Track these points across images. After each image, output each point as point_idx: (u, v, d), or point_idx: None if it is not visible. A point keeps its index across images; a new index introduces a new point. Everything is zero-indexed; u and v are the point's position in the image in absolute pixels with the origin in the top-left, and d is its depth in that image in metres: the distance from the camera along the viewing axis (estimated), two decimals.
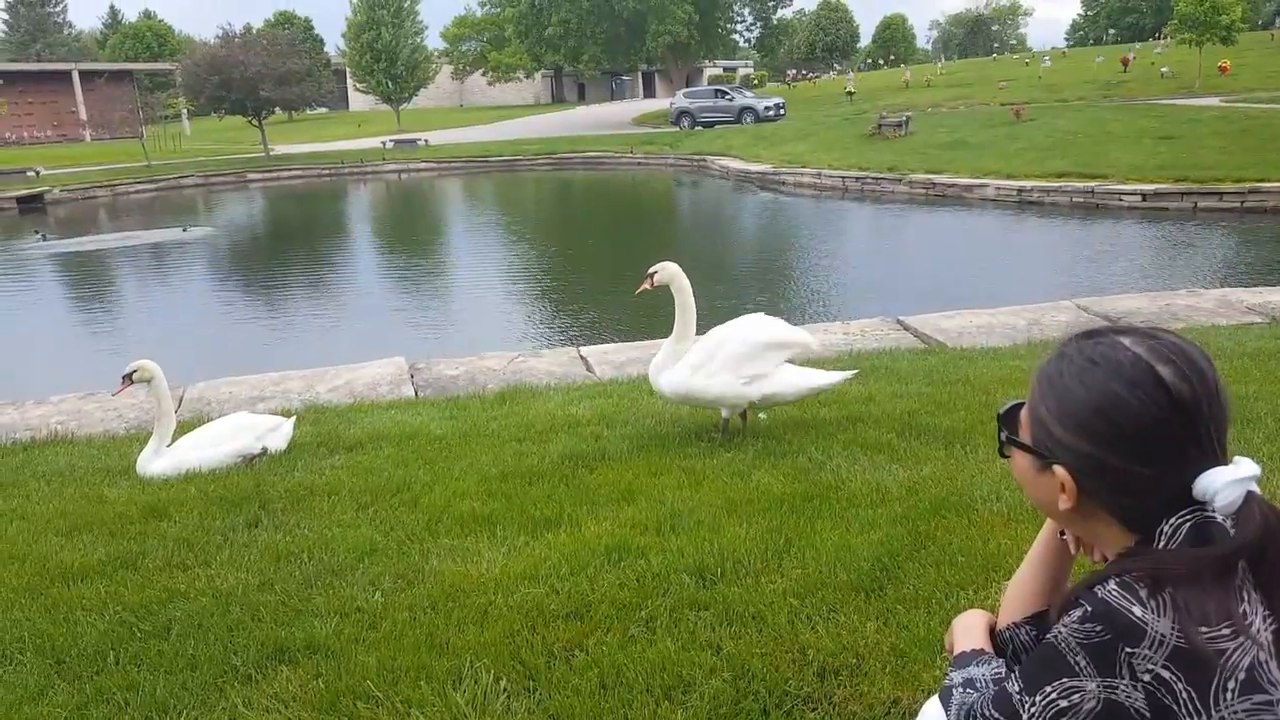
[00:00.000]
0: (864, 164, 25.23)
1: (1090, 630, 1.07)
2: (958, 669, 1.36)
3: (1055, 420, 1.16)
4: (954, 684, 1.33)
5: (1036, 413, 1.19)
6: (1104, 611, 1.07)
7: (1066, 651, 1.09)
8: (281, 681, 2.38)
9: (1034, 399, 1.20)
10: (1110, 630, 1.05)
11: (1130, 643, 1.04)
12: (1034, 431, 1.20)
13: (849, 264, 16.74)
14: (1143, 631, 1.04)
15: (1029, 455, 1.21)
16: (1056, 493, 1.18)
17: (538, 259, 19.21)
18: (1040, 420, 1.18)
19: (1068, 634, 1.09)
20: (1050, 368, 1.19)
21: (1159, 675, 1.03)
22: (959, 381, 5.39)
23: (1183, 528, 1.11)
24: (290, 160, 38.40)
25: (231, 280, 18.25)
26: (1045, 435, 1.18)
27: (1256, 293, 8.56)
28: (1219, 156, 20.36)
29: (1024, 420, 1.23)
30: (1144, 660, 1.03)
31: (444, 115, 61.42)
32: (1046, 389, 1.18)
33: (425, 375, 6.78)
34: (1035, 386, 1.21)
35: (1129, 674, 1.04)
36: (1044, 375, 1.20)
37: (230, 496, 3.90)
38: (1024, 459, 1.22)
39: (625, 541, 3.05)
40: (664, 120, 45.46)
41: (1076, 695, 1.07)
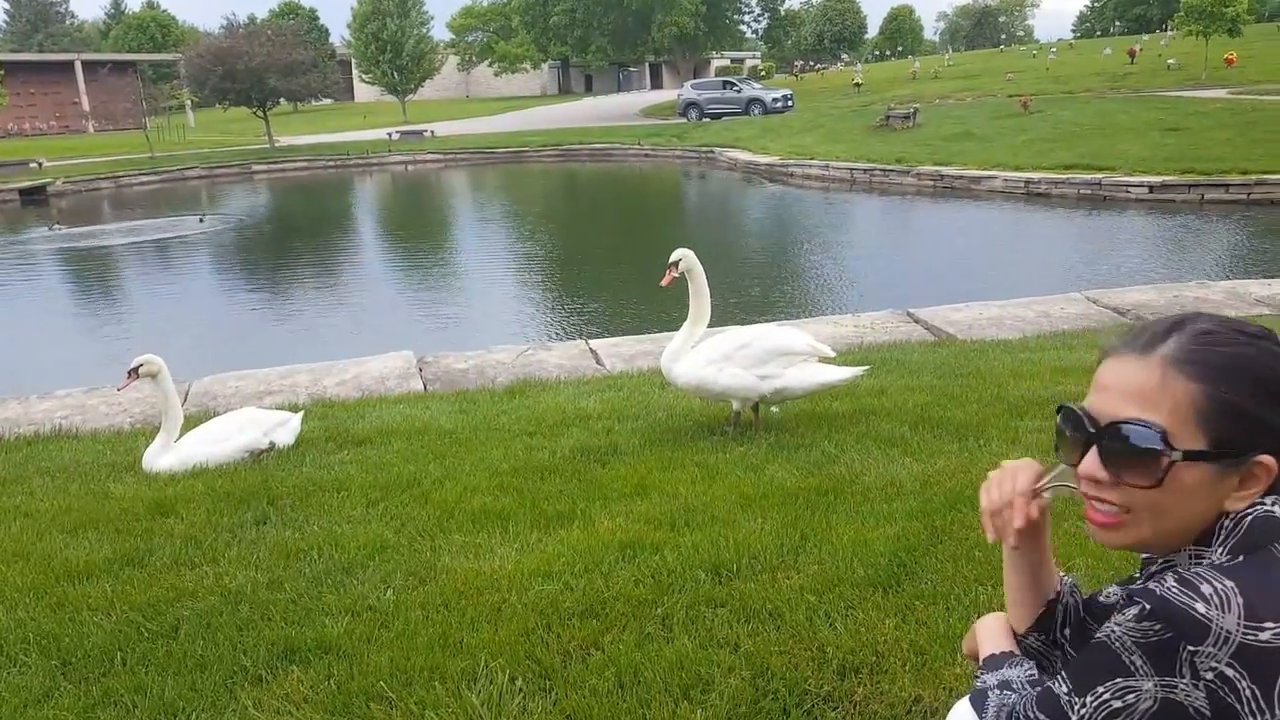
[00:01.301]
0: (872, 156, 25.12)
1: (1148, 629, 1.03)
2: (990, 671, 1.32)
3: (1260, 403, 1.07)
4: (989, 686, 1.29)
5: (1226, 407, 1.08)
6: (1164, 609, 1.02)
7: (1121, 651, 1.04)
8: (292, 682, 2.35)
9: (1212, 394, 1.08)
10: (1171, 629, 1.01)
11: (1193, 641, 1.00)
12: (1221, 429, 1.08)
13: (858, 256, 16.68)
14: (1206, 629, 1.00)
15: (1211, 464, 1.09)
16: (1230, 493, 1.10)
17: (545, 252, 19.16)
18: (1237, 412, 1.08)
19: (1122, 633, 1.05)
20: (1219, 356, 1.09)
21: (1223, 673, 0.99)
22: (970, 374, 5.35)
23: (1244, 521, 1.09)
24: (295, 152, 38.33)
25: (237, 273, 18.24)
26: (1244, 426, 1.08)
27: (1265, 284, 8.50)
28: (1225, 148, 20.25)
29: (1181, 429, 1.09)
30: (1207, 659, 1.00)
31: (450, 107, 61.35)
32: (1242, 378, 1.08)
33: (434, 369, 6.74)
34: (1209, 381, 1.08)
35: (1190, 673, 1.00)
36: (1220, 364, 1.09)
37: (238, 493, 3.87)
38: (1200, 472, 1.09)
39: (639, 537, 3.01)
40: (671, 112, 45.34)
41: (1132, 695, 1.03)
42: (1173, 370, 1.09)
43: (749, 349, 4.11)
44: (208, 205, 26.92)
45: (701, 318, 4.29)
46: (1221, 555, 1.09)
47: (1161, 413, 1.09)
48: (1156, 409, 1.09)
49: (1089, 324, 7.23)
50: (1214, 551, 1.10)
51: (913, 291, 11.27)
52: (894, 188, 23.33)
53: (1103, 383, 1.16)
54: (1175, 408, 1.09)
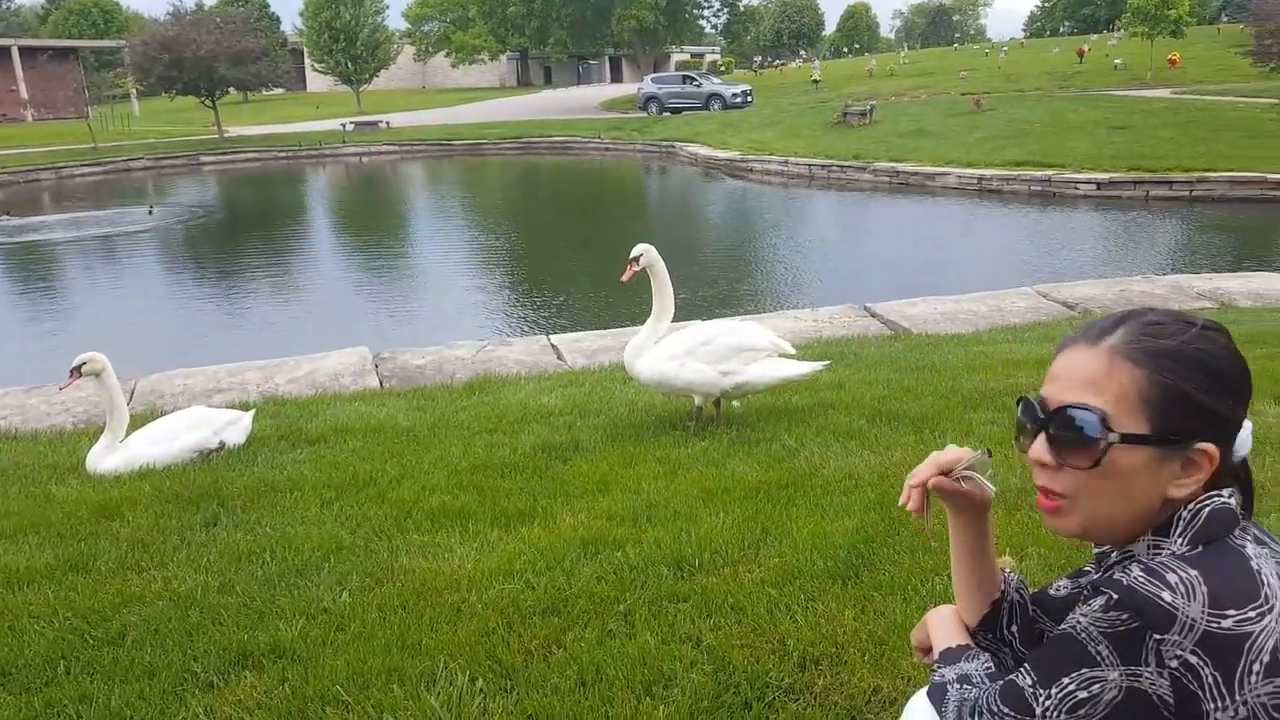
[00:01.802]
0: (830, 152, 25.30)
1: (1115, 619, 1.04)
2: (947, 665, 1.33)
3: (1207, 391, 1.10)
4: (947, 680, 1.29)
5: (1171, 393, 1.09)
6: (1131, 599, 1.03)
7: (1087, 641, 1.05)
8: (245, 688, 2.29)
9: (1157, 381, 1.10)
10: (1138, 618, 1.02)
11: (1159, 629, 1.01)
12: (1164, 416, 1.10)
13: (817, 252, 16.77)
14: (1173, 617, 1.01)
15: (1151, 448, 1.11)
16: (1171, 480, 1.11)
17: (505, 246, 19.02)
18: (1182, 399, 1.09)
19: (1088, 623, 1.05)
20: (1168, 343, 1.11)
21: (1187, 661, 1.01)
22: (925, 368, 5.41)
23: (1201, 512, 1.11)
24: (246, 142, 37.60)
25: (186, 267, 17.85)
26: (1187, 413, 1.10)
27: (1206, 279, 8.72)
28: (1169, 146, 20.74)
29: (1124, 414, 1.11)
30: (1173, 646, 1.01)
31: (406, 97, 60.61)
32: (1187, 365, 1.10)
33: (390, 365, 6.65)
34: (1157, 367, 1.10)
35: (1155, 661, 1.02)
36: (1165, 352, 1.11)
37: (186, 494, 3.78)
38: (1139, 456, 1.11)
39: (601, 534, 2.99)
40: (631, 105, 45.24)
41: (1097, 685, 1.05)
42: (1119, 357, 1.12)
43: (711, 345, 4.11)
44: (155, 197, 26.28)
45: (665, 313, 4.28)
46: (1181, 545, 1.10)
47: (1105, 398, 1.11)
48: (1101, 394, 1.12)
49: (1039, 318, 7.35)
50: (1173, 542, 1.11)
51: (870, 286, 11.39)
52: (851, 184, 23.53)
53: (1054, 373, 1.18)
54: (1120, 393, 1.11)
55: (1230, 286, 7.99)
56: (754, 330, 4.31)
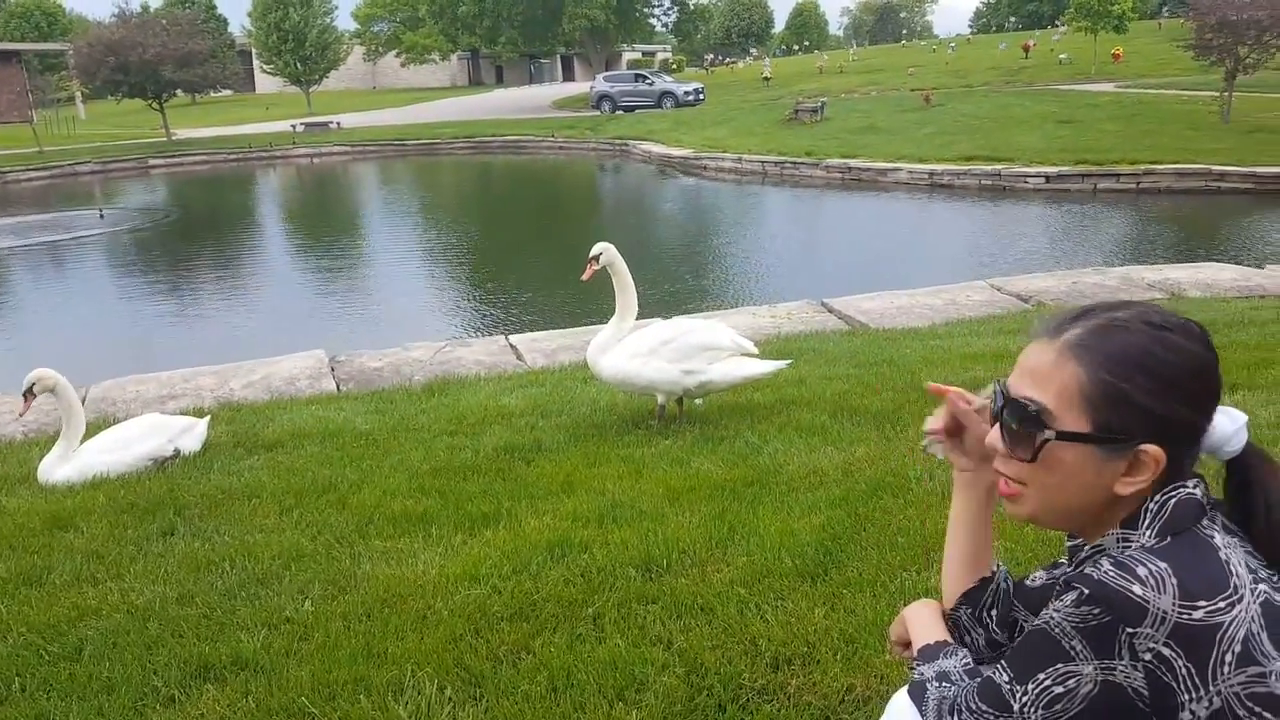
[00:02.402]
0: (782, 149, 25.47)
1: (1087, 614, 1.04)
2: (926, 662, 1.33)
3: (1148, 392, 1.09)
4: (926, 678, 1.29)
5: (1110, 392, 1.09)
6: (1102, 593, 1.04)
7: (1061, 636, 1.06)
8: (208, 702, 2.24)
9: (1100, 380, 1.10)
10: (1109, 612, 1.03)
11: (1131, 623, 1.02)
12: (1105, 415, 1.10)
13: (772, 248, 16.87)
14: (1144, 610, 1.02)
15: (1093, 446, 1.11)
16: (1117, 478, 1.11)
17: (461, 246, 18.86)
18: (1121, 398, 1.09)
19: (1061, 619, 1.07)
20: (1115, 342, 1.11)
21: (1160, 653, 1.02)
22: (884, 363, 5.46)
23: (1168, 504, 1.12)
24: (194, 145, 36.90)
25: (136, 271, 17.44)
26: (1127, 413, 1.09)
27: (1156, 270, 8.90)
28: (1115, 140, 21.19)
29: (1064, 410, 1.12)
30: (1145, 639, 1.02)
31: (356, 98, 59.90)
32: (1124, 364, 1.09)
33: (347, 368, 6.56)
34: (1099, 366, 1.10)
35: (1129, 654, 1.03)
36: (1112, 350, 1.10)
37: (142, 503, 3.69)
38: (1079, 453, 1.12)
39: (567, 536, 2.97)
40: (584, 104, 45.16)
41: (1072, 680, 1.06)
42: (1067, 353, 1.13)
43: (674, 344, 4.11)
44: (103, 201, 25.68)
45: (628, 312, 4.27)
46: (1150, 538, 1.11)
47: (1049, 393, 1.13)
48: (1046, 389, 1.13)
49: (994, 311, 7.45)
50: (1141, 534, 1.12)
51: (826, 282, 11.48)
52: (804, 180, 23.70)
53: (1018, 361, 1.20)
54: (1062, 389, 1.12)
55: (1179, 277, 8.17)
56: (717, 329, 4.31)
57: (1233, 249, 13.62)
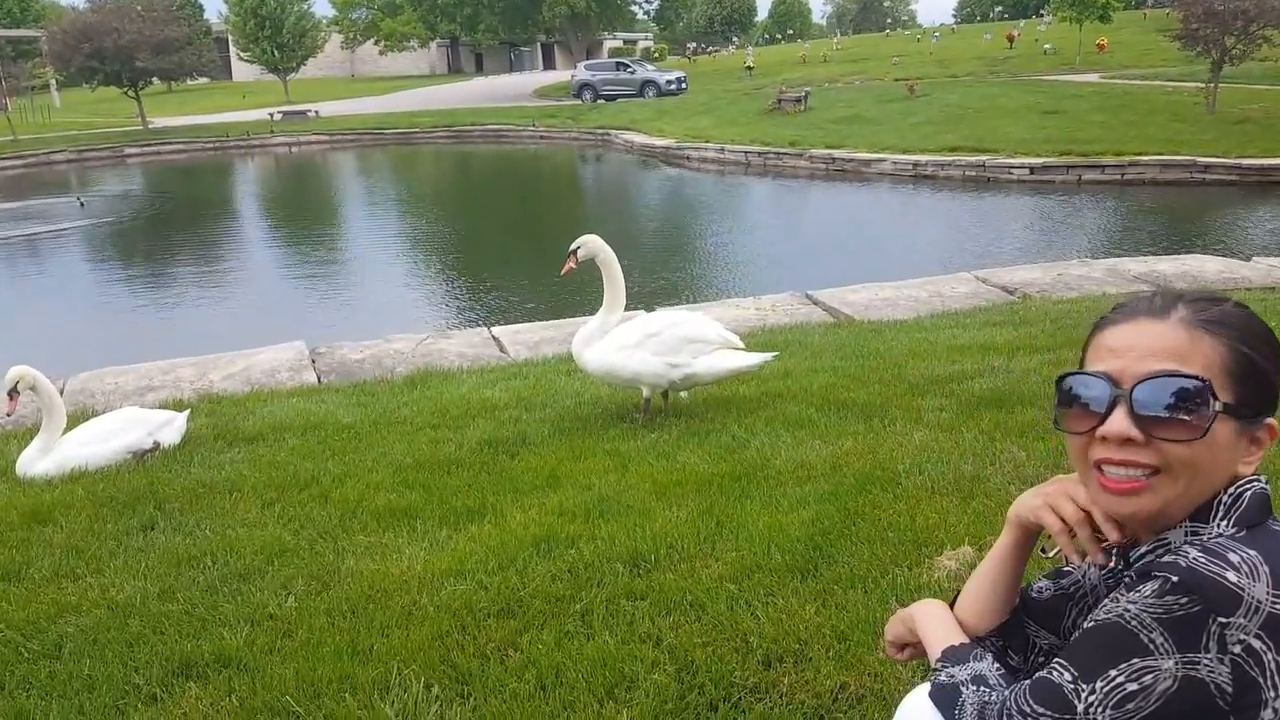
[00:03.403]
0: (766, 139, 25.41)
1: (1173, 603, 0.99)
2: (955, 664, 1.24)
3: (1271, 363, 1.11)
4: (959, 680, 1.21)
5: (1251, 368, 1.10)
6: (1193, 580, 0.99)
7: (1139, 629, 1.00)
8: (190, 700, 2.20)
9: (1241, 356, 1.10)
10: (1200, 601, 0.98)
11: (1224, 612, 0.97)
12: (1245, 390, 1.09)
13: (756, 239, 16.84)
14: (1238, 598, 0.97)
15: (1236, 421, 1.10)
16: (1242, 455, 1.11)
17: (441, 237, 18.74)
18: (1259, 375, 1.10)
19: (1139, 610, 1.00)
20: (1241, 320, 1.12)
21: (1250, 646, 0.97)
22: (870, 355, 5.45)
23: (1244, 495, 1.09)
24: (171, 133, 36.46)
25: (112, 262, 17.25)
26: (1262, 390, 1.10)
27: (1141, 261, 8.95)
28: (1100, 130, 21.24)
29: (1215, 384, 1.09)
30: (1237, 630, 0.96)
31: (334, 86, 59.34)
32: (1258, 340, 1.11)
33: (328, 360, 6.50)
34: (1239, 341, 1.10)
35: (1217, 647, 0.97)
36: (1244, 329, 1.11)
37: (122, 497, 3.64)
38: (1228, 427, 1.09)
39: (553, 531, 2.95)
40: (565, 93, 44.93)
41: (1149, 676, 0.99)
42: (1198, 329, 1.10)
43: (660, 337, 4.08)
44: (80, 190, 25.37)
45: (616, 305, 4.24)
46: (1228, 528, 1.07)
47: (1196, 367, 1.09)
48: (1190, 364, 1.09)
49: (979, 303, 7.46)
50: (1214, 526, 1.08)
51: (810, 273, 11.46)
52: (788, 170, 23.68)
53: (1116, 347, 1.14)
54: (1208, 363, 1.09)
55: (1164, 269, 8.21)
56: (703, 322, 4.29)
57: (1217, 241, 13.71)
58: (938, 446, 3.61)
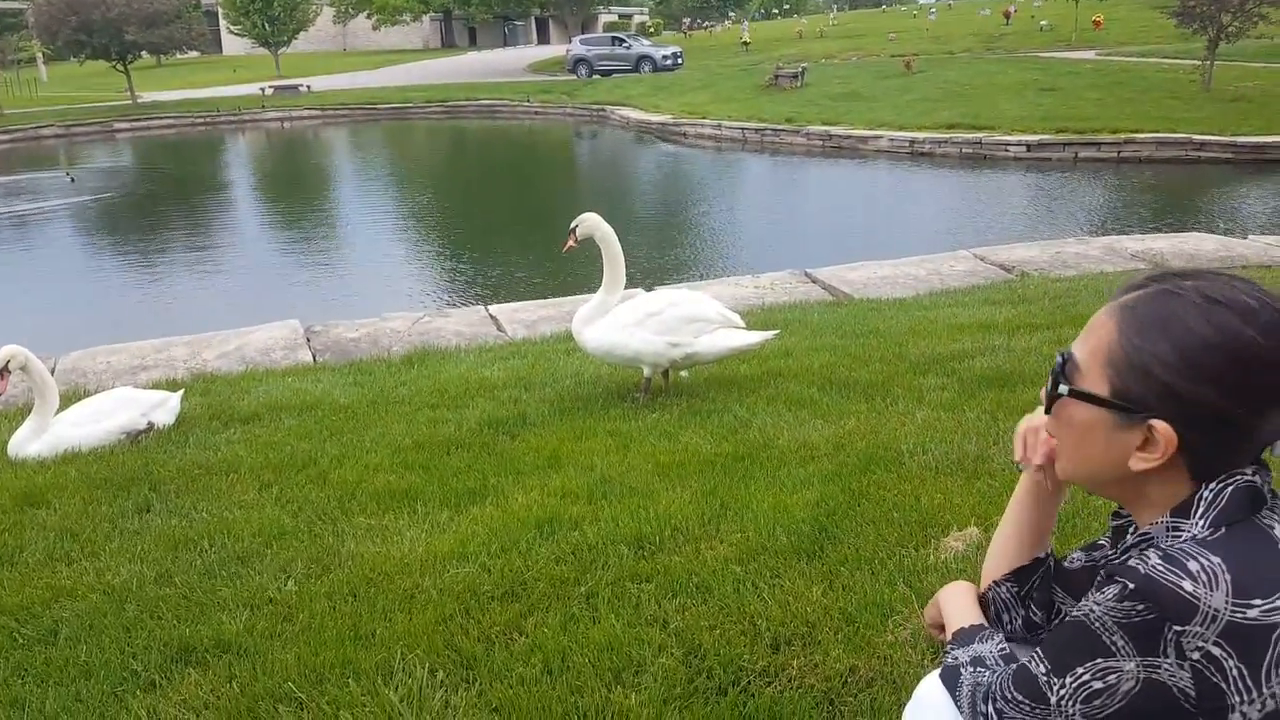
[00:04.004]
0: (762, 115, 25.27)
1: (1130, 609, 0.99)
2: (960, 646, 1.28)
3: (1167, 365, 1.02)
4: (961, 662, 1.25)
5: (1132, 359, 1.04)
6: (1148, 588, 0.99)
7: (1101, 631, 1.01)
8: (190, 686, 2.17)
9: (1124, 343, 1.05)
10: (1155, 608, 0.98)
11: (1179, 620, 0.97)
12: (1123, 381, 1.05)
13: (754, 216, 16.77)
14: (1194, 608, 0.97)
15: (1106, 411, 1.07)
16: (1130, 451, 1.06)
17: (436, 214, 18.62)
18: (1140, 367, 1.04)
19: (1102, 613, 1.01)
20: (1154, 306, 1.05)
21: (1209, 653, 0.96)
22: (870, 334, 5.41)
23: (1225, 492, 1.05)
24: (161, 108, 36.11)
25: (103, 239, 17.10)
26: (1144, 384, 1.04)
27: (1139, 239, 8.92)
28: (1096, 108, 21.17)
29: (1090, 369, 1.08)
30: (1194, 638, 0.96)
31: (326, 60, 58.76)
32: (1152, 330, 1.04)
33: (323, 338, 6.45)
34: (1126, 328, 1.06)
35: (1175, 653, 0.97)
36: (1144, 315, 1.05)
37: (116, 479, 3.59)
38: (1092, 414, 1.08)
39: (556, 513, 2.91)
40: (560, 68, 44.56)
41: (1113, 676, 1.01)
42: (1112, 313, 1.09)
43: (661, 316, 4.04)
44: (69, 165, 25.12)
45: (616, 284, 4.18)
46: (1203, 528, 1.05)
47: (1085, 350, 1.10)
48: (1083, 345, 1.10)
49: (978, 281, 7.43)
50: (1193, 524, 1.06)
51: (808, 251, 11.43)
52: (785, 147, 23.56)
53: None
54: (1095, 347, 1.08)
55: (1161, 247, 8.18)
56: (703, 301, 4.24)
57: (1213, 218, 13.68)
58: (940, 426, 3.58)
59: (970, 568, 2.39)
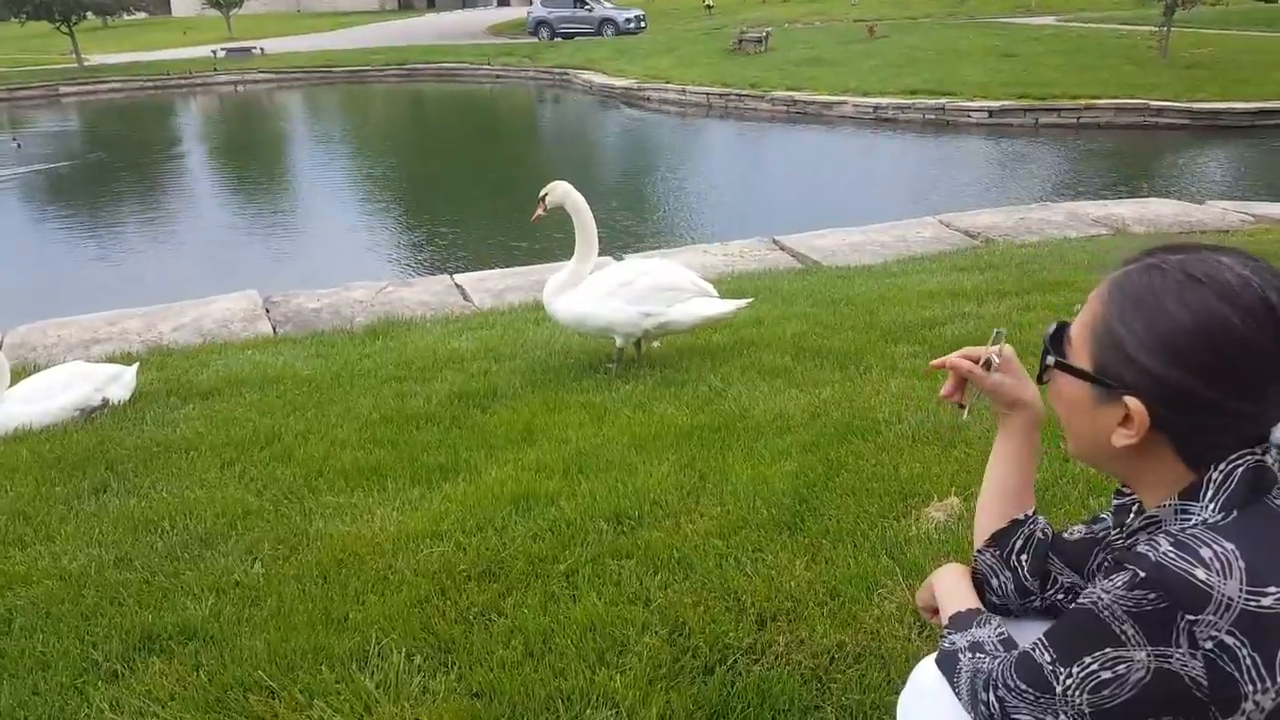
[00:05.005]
0: (727, 80, 25.06)
1: (1141, 598, 0.96)
2: (958, 631, 1.25)
3: (1140, 344, 1.01)
4: (958, 648, 1.21)
5: (1112, 334, 1.04)
6: (1159, 576, 0.95)
7: (1110, 620, 0.98)
8: (154, 676, 2.08)
9: (1106, 318, 1.05)
10: (1168, 597, 0.94)
11: (1192, 609, 0.93)
12: (1103, 356, 1.05)
13: (721, 183, 16.66)
14: (1207, 596, 0.93)
15: (1089, 384, 1.06)
16: (1113, 426, 1.05)
17: (397, 180, 18.26)
18: (1117, 343, 1.03)
19: (1111, 600, 0.98)
20: (1135, 282, 1.04)
21: (1222, 642, 0.93)
22: (841, 301, 5.38)
23: (1234, 473, 1.01)
24: (108, 71, 34.95)
25: (51, 208, 16.58)
26: (1120, 360, 1.03)
27: (1101, 205, 8.97)
28: (1056, 74, 21.25)
29: (1079, 341, 1.08)
30: (1207, 627, 0.93)
31: (280, 22, 57.27)
32: (1130, 307, 1.03)
33: (283, 309, 6.28)
34: (1110, 303, 1.05)
35: (1187, 642, 0.94)
36: (1126, 290, 1.04)
37: (70, 458, 3.47)
38: (1077, 388, 1.08)
39: (532, 488, 2.85)
40: (521, 30, 43.83)
41: (1122, 666, 0.97)
42: (1104, 287, 1.08)
43: (633, 285, 3.97)
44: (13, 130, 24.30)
45: (588, 254, 4.10)
46: (1214, 512, 1.02)
47: (1078, 323, 1.09)
48: (1079, 318, 1.09)
49: (944, 247, 7.43)
50: (1203, 507, 1.03)
51: (776, 218, 11.36)
52: (749, 113, 23.41)
53: None
54: (1084, 321, 1.08)
55: (1123, 213, 8.23)
56: (676, 270, 4.17)
57: (1171, 184, 13.83)
58: (915, 395, 3.56)
59: (952, 539, 2.37)
